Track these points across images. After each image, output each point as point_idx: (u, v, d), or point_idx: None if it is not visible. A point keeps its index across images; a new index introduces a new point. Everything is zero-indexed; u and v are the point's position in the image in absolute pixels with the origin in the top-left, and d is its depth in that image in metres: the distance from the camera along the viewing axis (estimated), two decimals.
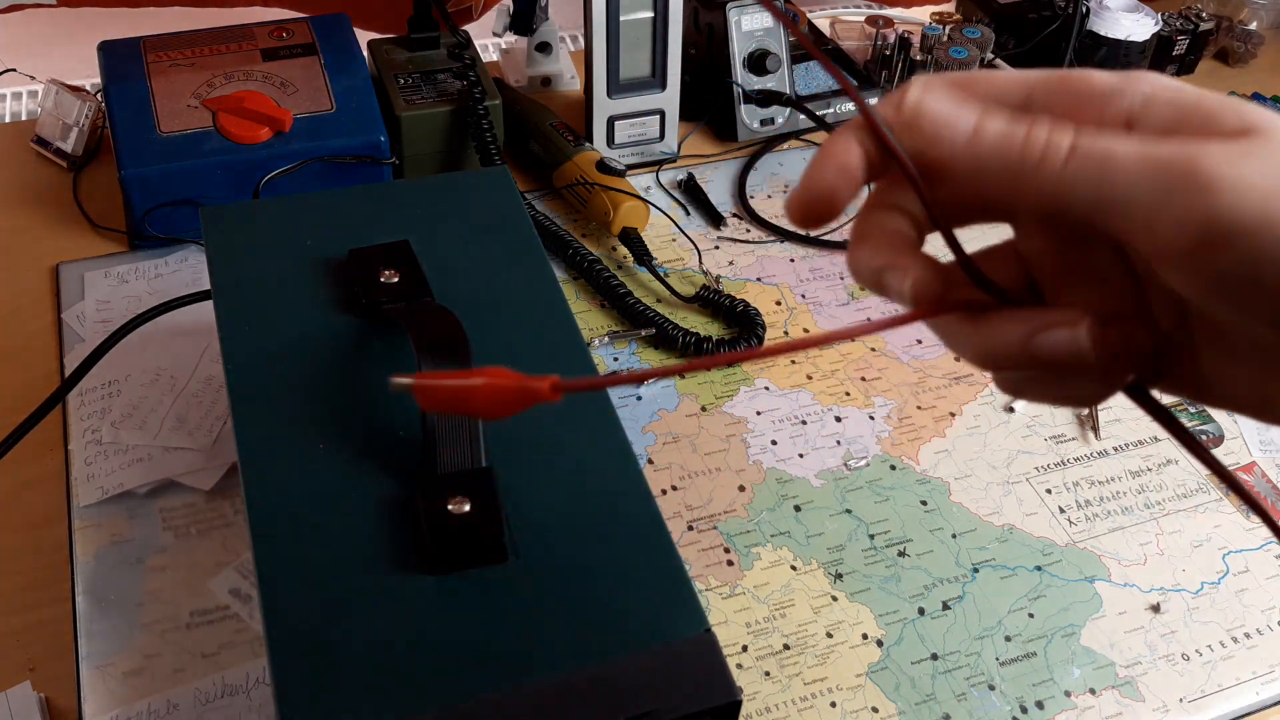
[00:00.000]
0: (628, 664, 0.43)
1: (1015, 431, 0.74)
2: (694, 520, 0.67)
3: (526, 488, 0.48)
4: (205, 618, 0.60)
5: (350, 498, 0.47)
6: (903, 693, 0.60)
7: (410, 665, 0.42)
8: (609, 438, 0.51)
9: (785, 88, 0.95)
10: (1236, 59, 1.13)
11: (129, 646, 0.58)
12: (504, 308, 0.56)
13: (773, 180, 0.93)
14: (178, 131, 0.79)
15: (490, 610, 0.44)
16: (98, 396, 0.70)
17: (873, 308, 0.82)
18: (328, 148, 0.80)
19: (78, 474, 0.66)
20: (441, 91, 0.86)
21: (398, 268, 0.55)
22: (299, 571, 0.44)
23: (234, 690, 0.57)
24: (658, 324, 0.77)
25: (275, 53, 0.85)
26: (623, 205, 0.82)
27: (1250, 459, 0.74)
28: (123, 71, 0.83)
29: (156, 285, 0.78)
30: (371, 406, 0.51)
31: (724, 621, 0.62)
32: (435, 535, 0.45)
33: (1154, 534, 0.69)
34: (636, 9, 0.86)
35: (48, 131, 0.88)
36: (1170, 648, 0.63)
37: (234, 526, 0.64)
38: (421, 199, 0.62)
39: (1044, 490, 0.70)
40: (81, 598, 0.60)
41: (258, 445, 0.49)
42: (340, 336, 0.54)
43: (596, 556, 0.46)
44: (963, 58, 1.01)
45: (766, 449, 0.71)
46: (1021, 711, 0.60)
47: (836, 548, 0.66)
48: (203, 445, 0.67)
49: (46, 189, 0.86)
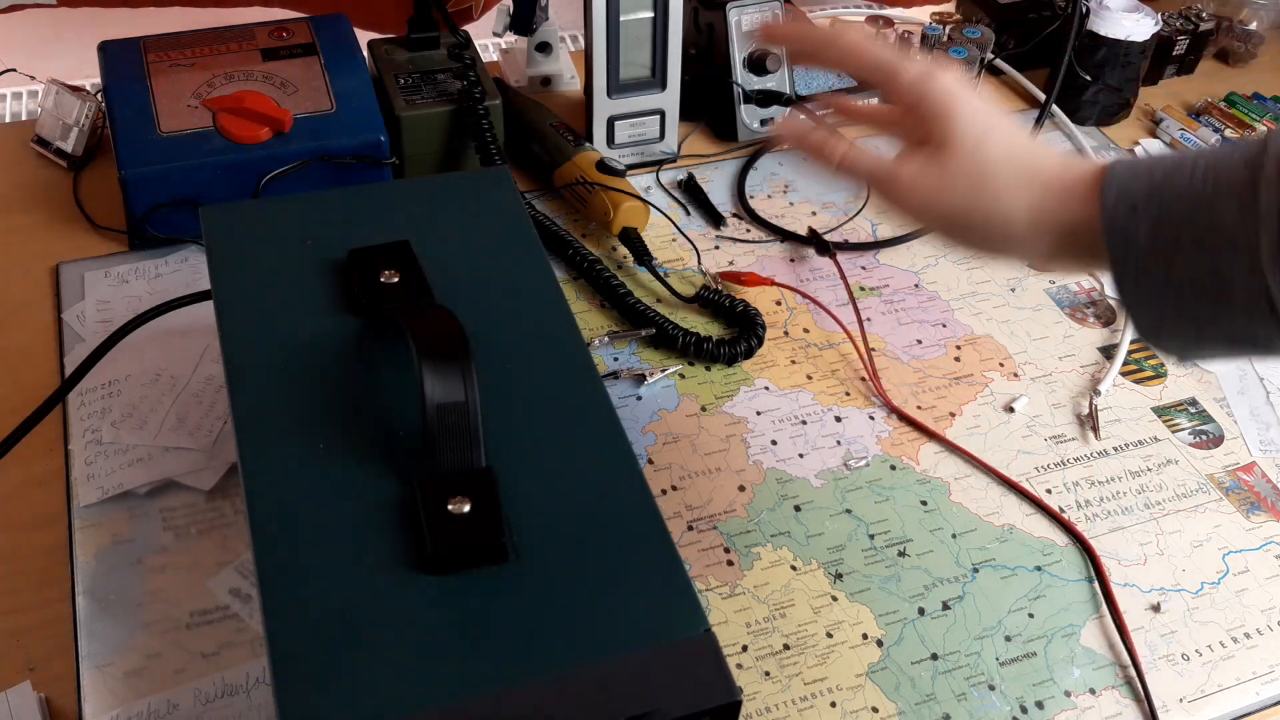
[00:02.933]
0: (627, 664, 0.43)
1: (1015, 432, 0.74)
2: (694, 520, 0.67)
3: (526, 488, 0.48)
4: (205, 617, 0.60)
5: (350, 498, 0.47)
6: (903, 693, 0.60)
7: (410, 665, 0.42)
8: (609, 438, 0.51)
9: (785, 88, 0.95)
10: (1236, 59, 1.13)
11: (129, 646, 0.58)
12: (504, 307, 0.56)
13: (773, 180, 0.93)
14: (178, 131, 0.79)
15: (490, 610, 0.44)
16: (98, 396, 0.70)
17: (872, 308, 0.82)
18: (328, 148, 0.80)
19: (78, 474, 0.66)
20: (441, 91, 0.86)
21: (398, 268, 0.55)
22: (299, 572, 0.44)
23: (234, 690, 0.57)
24: (658, 324, 0.77)
25: (275, 53, 0.85)
26: (623, 205, 0.82)
27: (1250, 459, 0.74)
28: (123, 71, 0.83)
29: (156, 285, 0.78)
30: (371, 407, 0.51)
31: (724, 621, 0.62)
32: (435, 535, 0.45)
33: (1154, 534, 0.69)
34: (636, 9, 0.86)
35: (48, 131, 0.88)
36: (1170, 648, 0.63)
37: (234, 526, 0.64)
38: (421, 199, 0.62)
39: (1044, 490, 0.70)
40: (82, 598, 0.60)
41: (258, 445, 0.49)
42: (340, 336, 0.54)
43: (596, 556, 0.46)
44: (963, 57, 1.01)
45: (766, 449, 0.71)
46: (1021, 711, 0.60)
47: (836, 548, 0.66)
48: (203, 445, 0.67)
49: (46, 189, 0.86)
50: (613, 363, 0.76)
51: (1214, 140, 1.01)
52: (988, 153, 0.51)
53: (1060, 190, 0.50)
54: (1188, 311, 0.48)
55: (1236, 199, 0.45)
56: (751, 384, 0.76)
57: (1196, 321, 0.48)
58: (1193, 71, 1.11)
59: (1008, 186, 0.51)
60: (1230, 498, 0.71)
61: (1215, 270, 0.46)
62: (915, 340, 0.80)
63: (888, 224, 0.90)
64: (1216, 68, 1.14)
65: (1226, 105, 1.06)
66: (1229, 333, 0.48)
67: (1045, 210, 0.50)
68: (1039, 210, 0.51)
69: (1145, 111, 1.06)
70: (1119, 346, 0.80)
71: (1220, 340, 0.49)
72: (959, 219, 0.52)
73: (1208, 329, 0.48)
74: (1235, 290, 0.45)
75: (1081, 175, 0.50)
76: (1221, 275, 0.46)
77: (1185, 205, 0.46)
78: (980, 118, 0.52)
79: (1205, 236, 0.45)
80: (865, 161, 0.54)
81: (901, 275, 0.85)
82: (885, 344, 0.79)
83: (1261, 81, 1.11)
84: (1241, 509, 0.70)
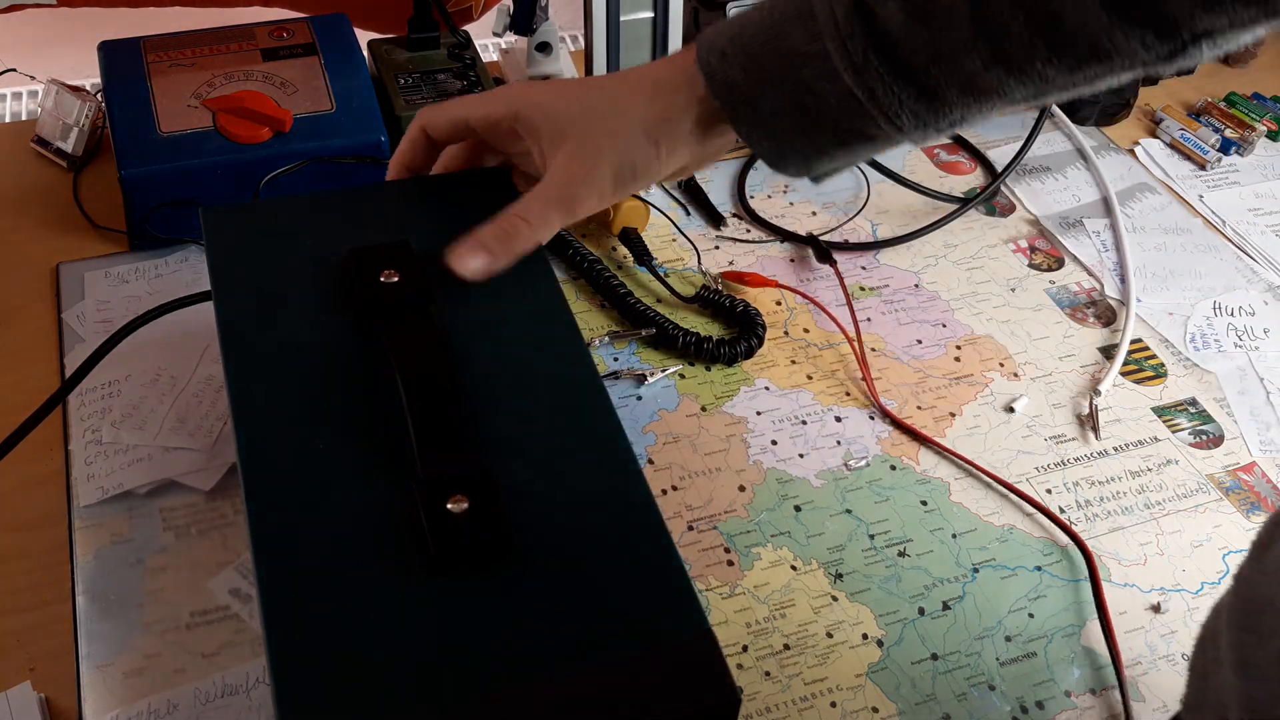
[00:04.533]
0: (627, 664, 0.43)
1: (1015, 432, 0.74)
2: (694, 520, 0.67)
3: (526, 487, 0.48)
4: (205, 618, 0.60)
5: (350, 498, 0.47)
6: (903, 693, 0.60)
7: (410, 665, 0.42)
8: (609, 438, 0.51)
9: None
10: (1236, 59, 1.13)
11: (129, 647, 0.58)
12: (504, 307, 0.56)
13: (773, 180, 0.93)
14: (178, 131, 0.79)
15: (490, 610, 0.44)
16: (98, 396, 0.70)
17: (872, 308, 0.82)
18: (328, 148, 0.80)
19: (78, 474, 0.66)
20: (441, 91, 0.86)
21: (398, 268, 0.55)
22: (298, 571, 0.44)
23: (234, 690, 0.57)
24: (658, 324, 0.77)
25: (275, 53, 0.85)
26: (623, 205, 0.82)
27: (1250, 459, 0.74)
28: (123, 71, 0.83)
29: (156, 286, 0.78)
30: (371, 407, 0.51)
31: (724, 621, 0.62)
32: (435, 535, 0.45)
33: (1154, 534, 0.69)
34: (636, 9, 0.86)
35: (48, 131, 0.88)
36: (1170, 648, 0.63)
37: (234, 526, 0.64)
38: (421, 199, 0.62)
39: (1044, 490, 0.70)
40: (82, 598, 0.60)
41: (258, 445, 0.49)
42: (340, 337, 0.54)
43: (596, 556, 0.46)
44: None
45: (766, 449, 0.71)
46: (1022, 711, 0.60)
47: (837, 548, 0.66)
48: (203, 445, 0.67)
49: (46, 189, 0.86)
50: (613, 363, 0.76)
51: (1214, 140, 1.01)
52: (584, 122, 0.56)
53: (669, 82, 0.55)
54: (797, 130, 0.53)
55: (799, 20, 0.51)
56: (752, 384, 0.76)
57: (808, 136, 0.54)
58: (1193, 71, 1.11)
59: (625, 128, 0.55)
60: (1230, 498, 0.71)
61: (805, 87, 0.52)
62: (915, 340, 0.80)
63: (888, 224, 0.90)
64: (1216, 68, 1.14)
65: (1226, 105, 1.06)
66: (840, 139, 0.54)
67: (668, 106, 0.55)
68: (663, 115, 0.55)
69: (1145, 111, 1.06)
70: (1119, 347, 0.80)
71: (836, 147, 0.54)
72: (624, 180, 0.57)
73: (820, 140, 0.54)
74: (826, 97, 0.51)
75: (680, 57, 0.55)
76: (811, 89, 0.51)
77: (762, 38, 0.52)
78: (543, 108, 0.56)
79: (787, 59, 0.52)
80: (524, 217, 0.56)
81: (901, 275, 0.85)
82: (885, 344, 0.79)
83: (1261, 81, 1.11)
84: (1242, 509, 0.70)
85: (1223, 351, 0.82)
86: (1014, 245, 0.89)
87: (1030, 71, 0.49)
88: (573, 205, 0.56)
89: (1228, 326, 0.84)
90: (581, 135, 0.55)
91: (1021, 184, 0.95)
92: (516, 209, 0.56)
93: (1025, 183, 0.96)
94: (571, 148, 0.55)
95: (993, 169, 0.96)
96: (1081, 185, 0.96)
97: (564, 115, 0.56)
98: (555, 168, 0.56)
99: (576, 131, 0.55)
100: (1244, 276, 0.88)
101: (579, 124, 0.56)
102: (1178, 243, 0.91)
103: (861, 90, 0.50)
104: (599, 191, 0.56)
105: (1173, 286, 0.87)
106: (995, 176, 0.93)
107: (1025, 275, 0.86)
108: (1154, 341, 0.82)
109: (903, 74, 0.50)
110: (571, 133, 0.55)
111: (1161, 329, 0.83)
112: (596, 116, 0.56)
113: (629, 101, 0.56)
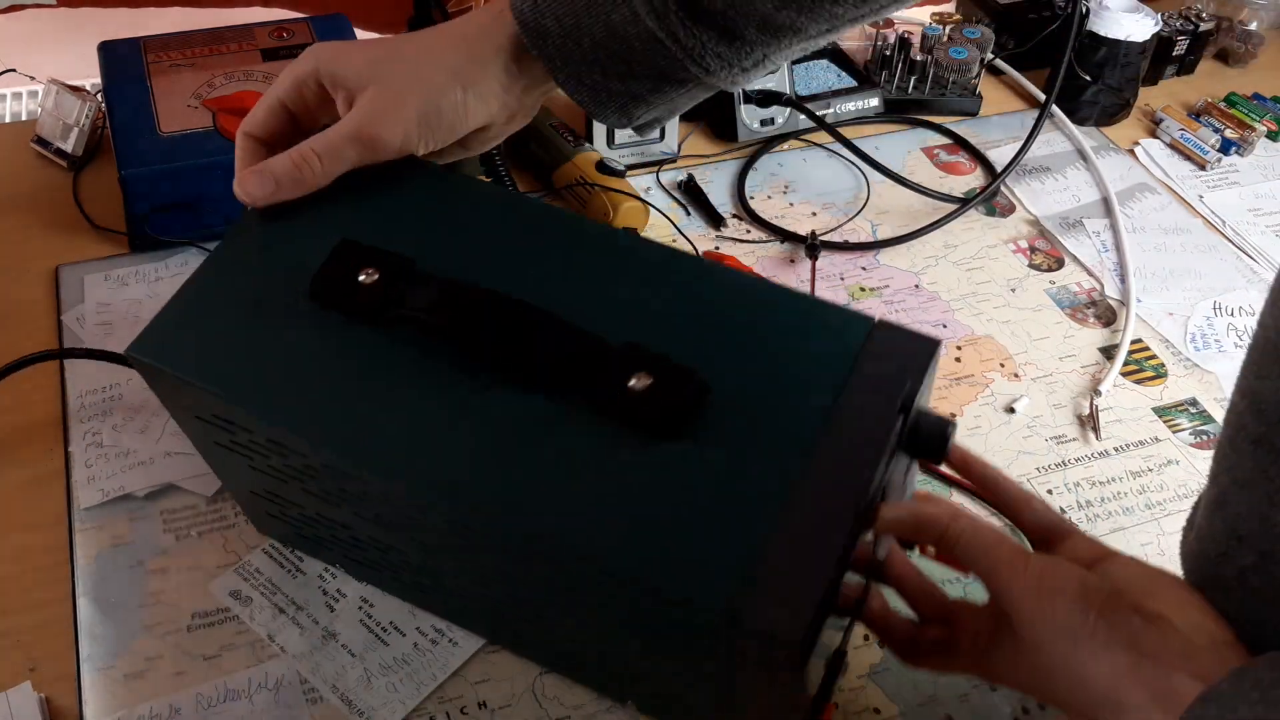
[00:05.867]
0: None
1: (1016, 432, 0.74)
2: None
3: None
4: (206, 620, 0.60)
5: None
6: (904, 694, 0.60)
7: None
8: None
9: (785, 88, 0.95)
10: (1236, 59, 1.14)
11: (130, 649, 0.58)
12: None
13: (773, 180, 0.93)
14: (178, 131, 0.79)
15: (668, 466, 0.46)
16: (99, 399, 0.70)
17: (872, 308, 0.82)
18: None
19: (78, 476, 0.66)
20: None
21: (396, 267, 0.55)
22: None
23: (235, 694, 0.57)
24: None
25: (275, 53, 0.85)
26: (623, 206, 0.82)
27: None
28: (123, 71, 0.83)
29: (156, 289, 0.78)
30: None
31: None
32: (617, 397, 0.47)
33: (1155, 534, 0.69)
34: None
35: (48, 131, 0.88)
36: None
37: (235, 528, 0.64)
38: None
39: (1045, 491, 0.70)
40: (82, 600, 0.60)
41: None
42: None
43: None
44: (962, 58, 1.01)
45: None
46: (1023, 712, 0.60)
47: None
48: None
49: (46, 189, 0.86)
50: None
51: (1214, 140, 1.01)
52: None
53: (481, 29, 0.55)
54: (613, 76, 0.55)
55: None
56: None
57: (623, 81, 0.55)
58: (1193, 72, 1.12)
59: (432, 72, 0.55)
60: None
61: (614, 33, 0.53)
62: None
63: (888, 224, 0.90)
64: (1216, 68, 1.14)
65: (1226, 105, 1.06)
66: (654, 85, 0.56)
67: (477, 53, 0.55)
68: (471, 58, 0.55)
69: (1145, 112, 1.06)
70: (1119, 347, 0.80)
71: (651, 93, 0.56)
72: (430, 123, 0.55)
73: (634, 86, 0.56)
74: (633, 42, 0.53)
75: (494, 6, 0.56)
76: (619, 35, 0.53)
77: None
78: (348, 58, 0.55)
79: (596, 5, 0.53)
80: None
81: (902, 275, 0.85)
82: None
83: (1261, 81, 1.11)
84: None
85: (1223, 351, 0.82)
86: (1014, 245, 0.89)
87: (819, 10, 0.53)
88: (373, 143, 0.54)
89: (1228, 326, 0.84)
90: (387, 78, 0.54)
91: (1021, 184, 0.95)
92: (311, 142, 0.54)
93: (1025, 183, 0.96)
94: (376, 90, 0.54)
95: (993, 169, 0.96)
96: (1081, 185, 0.96)
97: (372, 62, 0.55)
98: (357, 107, 0.54)
99: (382, 74, 0.54)
100: (1244, 276, 0.88)
101: (385, 68, 0.54)
102: (1178, 243, 0.91)
103: (665, 34, 0.53)
104: (403, 131, 0.54)
105: (1173, 286, 0.87)
106: (995, 177, 0.93)
107: (1025, 275, 0.86)
108: (1154, 342, 0.82)
109: (702, 18, 0.53)
110: (378, 76, 0.54)
111: (1162, 329, 0.83)
112: (404, 62, 0.55)
113: (439, 49, 0.55)
